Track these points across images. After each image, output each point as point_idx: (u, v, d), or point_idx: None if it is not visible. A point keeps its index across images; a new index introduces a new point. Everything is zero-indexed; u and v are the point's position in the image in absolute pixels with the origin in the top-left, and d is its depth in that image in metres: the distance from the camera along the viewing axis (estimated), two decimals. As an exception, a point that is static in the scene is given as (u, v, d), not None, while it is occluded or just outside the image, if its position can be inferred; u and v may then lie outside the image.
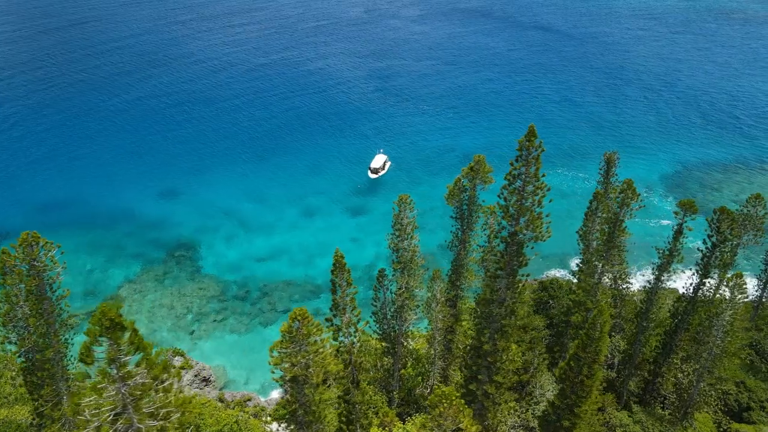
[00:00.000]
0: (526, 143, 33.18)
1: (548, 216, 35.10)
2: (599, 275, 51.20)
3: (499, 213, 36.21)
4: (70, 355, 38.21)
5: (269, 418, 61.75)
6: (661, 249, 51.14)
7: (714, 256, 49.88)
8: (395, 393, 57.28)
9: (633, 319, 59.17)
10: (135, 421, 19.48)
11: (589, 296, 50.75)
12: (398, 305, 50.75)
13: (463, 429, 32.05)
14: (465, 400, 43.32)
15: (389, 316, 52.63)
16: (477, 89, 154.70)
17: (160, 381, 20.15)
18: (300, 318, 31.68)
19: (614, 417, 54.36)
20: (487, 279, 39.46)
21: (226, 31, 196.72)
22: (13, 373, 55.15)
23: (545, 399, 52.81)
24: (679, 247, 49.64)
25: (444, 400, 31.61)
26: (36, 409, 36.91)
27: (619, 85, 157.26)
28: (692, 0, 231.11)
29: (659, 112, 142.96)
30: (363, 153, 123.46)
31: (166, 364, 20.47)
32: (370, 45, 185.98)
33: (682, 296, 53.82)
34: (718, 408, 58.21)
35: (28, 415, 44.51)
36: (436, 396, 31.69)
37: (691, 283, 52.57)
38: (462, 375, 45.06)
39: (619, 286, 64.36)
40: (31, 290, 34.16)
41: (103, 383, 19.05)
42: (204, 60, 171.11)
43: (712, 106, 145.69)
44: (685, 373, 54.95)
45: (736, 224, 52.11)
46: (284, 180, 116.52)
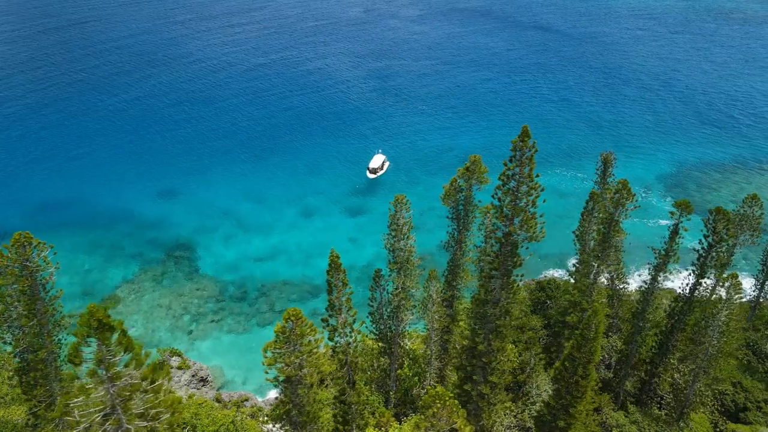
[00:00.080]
0: (520, 144, 33.15)
1: (542, 216, 35.06)
2: (595, 275, 51.18)
3: (494, 213, 36.16)
4: (63, 356, 38.18)
5: (266, 419, 61.70)
6: (657, 249, 51.14)
7: (710, 256, 49.86)
8: (392, 393, 57.28)
9: (630, 320, 59.19)
10: (124, 421, 19.48)
11: (585, 296, 50.74)
12: (395, 305, 50.75)
13: (457, 429, 32.03)
14: (460, 401, 43.31)
15: (386, 317, 52.64)
16: (476, 89, 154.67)
17: (149, 381, 20.19)
18: (293, 318, 31.67)
19: (611, 417, 54.35)
20: (481, 279, 39.43)
21: (225, 30, 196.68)
22: (10, 373, 55.11)
23: (542, 399, 52.79)
24: (675, 247, 49.63)
25: (437, 401, 31.57)
26: (30, 410, 36.89)
27: (618, 85, 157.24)
28: (691, 0, 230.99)
29: (658, 112, 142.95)
30: (362, 153, 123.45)
31: (155, 364, 20.45)
32: (369, 45, 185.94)
33: (679, 296, 53.81)
34: (714, 408, 58.19)
35: (24, 415, 44.48)
36: (430, 396, 31.65)
37: (688, 284, 52.56)
38: (457, 375, 45.04)
39: (616, 287, 64.39)
40: (23, 290, 34.12)
41: (91, 384, 19.08)
42: (203, 60, 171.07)
43: (710, 106, 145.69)
44: (681, 374, 54.94)
45: (733, 224, 52.08)
46: (283, 180, 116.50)
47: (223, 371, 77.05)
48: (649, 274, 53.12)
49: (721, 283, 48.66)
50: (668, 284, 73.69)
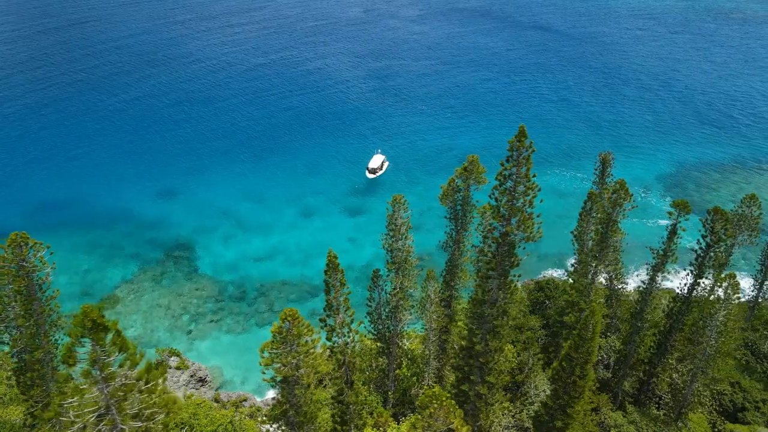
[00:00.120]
0: (517, 144, 33.15)
1: (540, 216, 35.07)
2: (592, 275, 51.17)
3: (491, 213, 36.15)
4: (60, 356, 38.15)
5: (265, 419, 61.72)
6: (656, 249, 51.13)
7: (708, 256, 49.86)
8: (390, 393, 57.27)
9: (628, 320, 59.17)
10: (118, 422, 19.50)
11: (583, 297, 50.73)
12: (393, 305, 50.76)
13: (453, 430, 32.04)
14: (458, 401, 43.32)
15: (384, 317, 52.66)
16: (475, 89, 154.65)
17: (143, 382, 20.19)
18: (290, 318, 31.67)
19: (609, 417, 54.35)
20: (478, 279, 39.43)
21: (225, 30, 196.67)
22: (8, 373, 55.15)
23: (540, 399, 52.79)
24: (673, 247, 49.61)
25: (434, 401, 31.59)
26: (28, 410, 36.90)
27: (618, 85, 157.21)
28: (691, 0, 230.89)
29: (657, 112, 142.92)
30: (361, 153, 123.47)
31: (149, 364, 20.47)
32: (369, 45, 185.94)
33: (677, 296, 53.81)
34: (713, 408, 58.16)
35: (22, 415, 44.51)
36: (427, 397, 31.67)
37: (686, 284, 52.55)
38: (455, 375, 45.05)
39: (615, 287, 64.39)
40: (20, 291, 34.11)
41: (85, 384, 19.09)
42: (202, 60, 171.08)
43: (710, 106, 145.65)
44: (679, 374, 54.93)
45: (731, 224, 52.07)
46: (282, 180, 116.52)
47: (222, 371, 77.07)
48: (647, 274, 53.11)
49: (719, 284, 48.64)
50: (667, 284, 73.83)
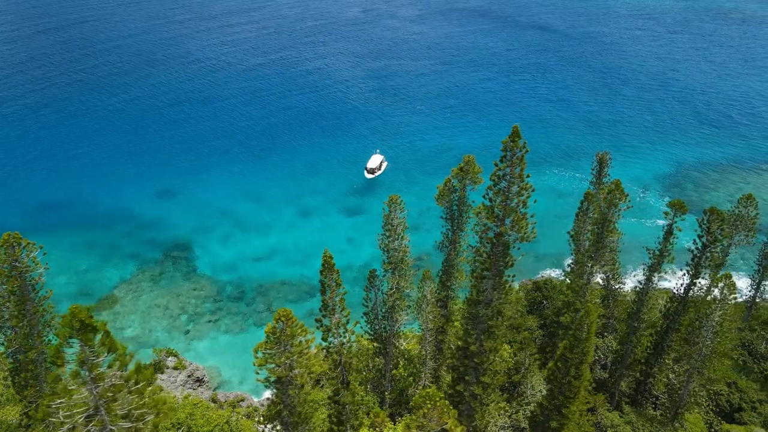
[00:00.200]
0: (511, 144, 33.15)
1: (534, 216, 35.09)
2: (588, 276, 51.17)
3: (485, 214, 36.18)
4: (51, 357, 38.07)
5: (262, 419, 61.77)
6: (652, 249, 51.14)
7: (705, 256, 49.85)
8: (387, 393, 57.30)
9: (625, 320, 59.16)
10: (107, 422, 19.52)
11: (579, 297, 50.74)
12: (389, 306, 50.78)
13: (447, 430, 32.03)
14: (453, 401, 43.35)
15: (380, 317, 52.67)
16: (474, 89, 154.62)
17: (133, 382, 20.20)
18: (284, 319, 31.69)
19: (605, 417, 54.35)
20: (473, 280, 39.44)
21: (224, 30, 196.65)
22: (5, 373, 55.17)
23: (536, 400, 52.80)
24: (670, 247, 49.61)
25: (428, 401, 31.56)
26: (23, 410, 36.93)
27: (616, 85, 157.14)
28: (690, 0, 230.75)
29: (656, 112, 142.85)
30: (360, 153, 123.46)
31: (139, 365, 20.49)
32: (368, 45, 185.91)
33: (674, 296, 53.83)
34: (709, 408, 58.15)
35: (18, 415, 44.56)
36: (421, 397, 31.65)
37: (682, 284, 52.56)
38: (450, 376, 45.07)
39: (612, 287, 64.38)
40: (13, 291, 34.11)
41: (73, 385, 19.10)
42: (202, 59, 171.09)
43: (708, 106, 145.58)
44: (676, 374, 54.91)
45: (727, 225, 52.08)
46: (281, 180, 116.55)
47: (219, 371, 77.10)
48: (643, 274, 53.11)
49: (715, 284, 48.64)
50: (665, 284, 73.84)
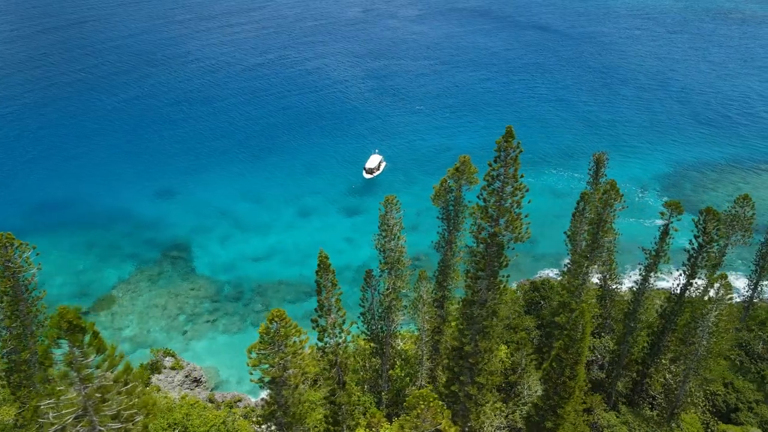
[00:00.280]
0: (504, 144, 33.14)
1: (527, 216, 35.10)
2: (584, 276, 51.16)
3: (480, 214, 36.18)
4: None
5: (259, 419, 61.77)
6: (648, 249, 51.12)
7: (701, 256, 49.82)
8: (384, 394, 57.29)
9: (622, 320, 59.16)
10: (96, 423, 19.53)
11: (574, 297, 50.74)
12: (386, 306, 50.76)
13: (441, 431, 32.06)
14: (448, 401, 43.36)
15: (377, 317, 52.64)
16: (473, 89, 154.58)
17: (122, 383, 20.23)
18: (278, 319, 31.70)
19: (602, 418, 54.35)
20: (467, 280, 39.46)
21: (224, 30, 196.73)
22: (1, 374, 55.20)
23: (532, 400, 52.80)
24: (666, 247, 49.59)
25: (422, 402, 31.60)
26: (18, 410, 36.93)
27: (616, 85, 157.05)
28: (690, 0, 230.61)
29: (655, 112, 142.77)
30: (359, 153, 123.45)
31: (128, 365, 20.50)
32: (367, 45, 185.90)
33: (670, 296, 53.82)
34: (706, 409, 58.16)
35: (14, 416, 44.57)
36: (414, 397, 31.69)
37: (679, 284, 52.55)
38: (445, 376, 45.09)
39: (609, 287, 64.37)
40: (6, 291, 34.13)
41: (62, 386, 19.13)
42: (201, 59, 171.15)
43: (707, 106, 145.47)
44: (673, 374, 54.92)
45: (723, 225, 52.05)
46: (280, 180, 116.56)
47: (217, 371, 77.08)
48: (640, 274, 53.11)
49: (711, 284, 48.64)
50: (663, 285, 73.79)
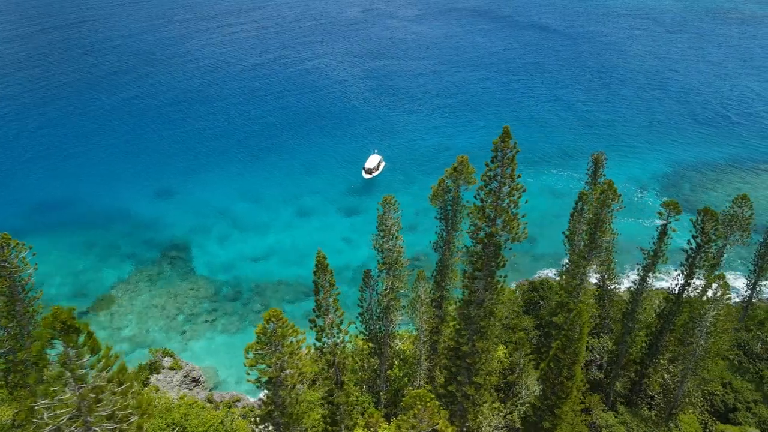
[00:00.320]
0: (501, 144, 33.13)
1: (524, 216, 35.08)
2: (582, 276, 51.15)
3: (477, 214, 36.17)
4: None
5: (258, 419, 61.73)
6: (646, 249, 51.09)
7: (699, 256, 49.82)
8: (382, 394, 57.28)
9: (620, 320, 59.15)
10: (91, 423, 19.50)
11: (572, 297, 50.72)
12: (384, 306, 50.75)
13: (438, 431, 32.05)
14: (446, 401, 43.35)
15: (375, 317, 52.64)
16: (473, 89, 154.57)
17: (116, 383, 20.21)
18: (274, 319, 31.69)
19: (600, 418, 54.33)
20: (465, 280, 39.44)
21: (223, 30, 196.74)
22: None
23: (530, 400, 52.79)
24: (664, 247, 49.56)
25: (418, 402, 31.59)
26: (16, 410, 36.92)
27: (615, 85, 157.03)
28: (689, 0, 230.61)
29: (654, 112, 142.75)
30: (358, 153, 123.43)
31: (123, 366, 20.49)
32: (367, 45, 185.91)
33: (668, 296, 53.80)
34: (704, 409, 58.14)
35: (12, 416, 44.56)
36: (411, 398, 31.67)
37: (677, 284, 52.54)
38: (443, 376, 45.08)
39: (607, 287, 64.34)
40: (2, 292, 34.11)
41: (56, 386, 19.12)
42: (200, 59, 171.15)
43: (706, 106, 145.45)
44: (671, 374, 54.91)
45: (721, 225, 52.05)
46: (279, 179, 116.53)
47: (216, 371, 77.06)
48: (638, 274, 53.10)
49: (709, 284, 48.63)
50: (661, 285, 73.75)
